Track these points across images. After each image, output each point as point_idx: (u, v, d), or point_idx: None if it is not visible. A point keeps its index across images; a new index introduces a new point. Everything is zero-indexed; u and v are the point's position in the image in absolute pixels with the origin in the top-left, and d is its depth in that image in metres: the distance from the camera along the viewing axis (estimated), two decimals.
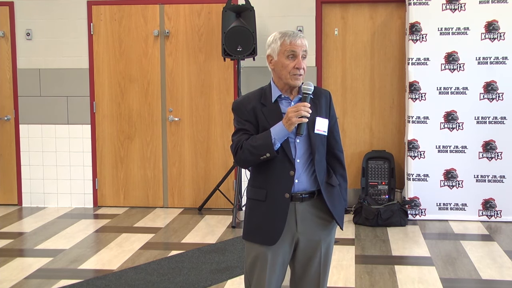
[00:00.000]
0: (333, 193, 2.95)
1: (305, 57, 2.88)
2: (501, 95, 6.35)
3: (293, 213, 2.89)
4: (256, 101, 2.90)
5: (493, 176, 6.40)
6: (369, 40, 6.94)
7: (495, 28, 6.30)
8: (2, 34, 7.16)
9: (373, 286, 4.56)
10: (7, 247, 5.66)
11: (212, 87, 7.01)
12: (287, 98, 2.91)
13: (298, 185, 2.87)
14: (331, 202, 2.92)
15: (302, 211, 2.90)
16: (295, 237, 2.91)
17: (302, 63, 2.84)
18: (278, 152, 2.81)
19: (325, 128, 2.90)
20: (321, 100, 2.94)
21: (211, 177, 7.09)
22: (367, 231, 6.10)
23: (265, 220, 2.88)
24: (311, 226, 2.92)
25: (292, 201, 2.87)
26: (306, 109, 2.76)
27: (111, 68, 7.10)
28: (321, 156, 2.92)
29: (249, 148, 2.82)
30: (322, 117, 2.90)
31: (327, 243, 2.98)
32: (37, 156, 7.23)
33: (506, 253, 5.35)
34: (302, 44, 2.86)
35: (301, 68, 2.84)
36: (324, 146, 2.94)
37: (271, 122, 2.83)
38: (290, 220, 2.88)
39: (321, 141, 2.91)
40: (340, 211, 2.97)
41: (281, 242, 2.88)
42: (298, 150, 2.87)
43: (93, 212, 7.03)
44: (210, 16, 6.95)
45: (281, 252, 2.90)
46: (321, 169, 2.92)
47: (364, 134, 7.04)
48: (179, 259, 5.22)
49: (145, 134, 7.14)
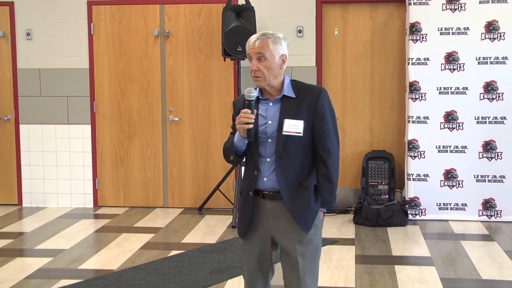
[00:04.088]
0: (301, 194, 2.94)
1: (261, 58, 2.90)
2: (501, 95, 6.35)
3: (264, 210, 2.99)
4: (242, 102, 2.98)
5: (493, 176, 6.40)
6: (369, 40, 6.94)
7: (495, 28, 6.30)
8: (2, 34, 7.16)
9: (373, 286, 4.56)
10: (7, 247, 5.66)
11: (212, 87, 7.01)
12: (265, 99, 2.99)
13: (266, 183, 2.96)
14: (293, 203, 2.93)
15: (273, 208, 2.97)
16: (269, 233, 3.01)
17: (255, 65, 2.89)
18: (242, 155, 3.00)
19: (298, 130, 2.90)
20: (304, 100, 2.94)
21: (211, 177, 7.09)
22: (367, 231, 6.10)
23: (240, 214, 3.09)
24: (285, 224, 2.97)
25: (263, 198, 2.98)
26: (247, 116, 2.85)
27: (111, 68, 7.10)
28: (292, 157, 2.93)
29: (224, 149, 3.07)
30: (296, 118, 2.91)
31: (305, 242, 2.97)
32: (37, 156, 7.23)
33: (506, 253, 5.35)
34: (255, 46, 2.90)
35: (254, 70, 2.90)
36: (300, 146, 2.93)
37: None
38: (262, 216, 3.00)
39: (293, 142, 2.91)
40: (303, 213, 2.93)
41: (255, 235, 3.03)
42: (268, 150, 2.95)
43: (93, 212, 7.03)
44: (210, 16, 6.95)
45: (258, 245, 3.04)
46: (289, 170, 2.93)
47: (364, 134, 7.04)
48: (179, 259, 5.22)
49: (145, 134, 7.14)
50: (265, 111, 2.97)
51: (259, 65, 2.89)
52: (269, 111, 2.96)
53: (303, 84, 3.01)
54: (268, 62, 2.90)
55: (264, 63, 2.89)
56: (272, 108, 2.96)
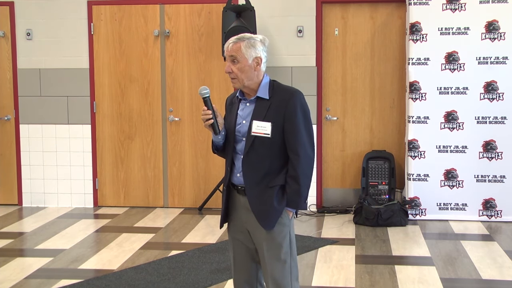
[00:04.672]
0: (265, 193, 3.01)
1: (235, 61, 3.02)
2: (502, 95, 6.35)
3: (239, 203, 3.11)
4: (230, 100, 3.20)
5: (493, 176, 6.40)
6: (369, 40, 6.94)
7: (495, 28, 6.30)
8: (2, 34, 7.16)
9: (373, 286, 4.56)
10: (7, 247, 5.66)
11: (212, 87, 7.01)
12: (244, 99, 3.10)
13: (239, 178, 3.07)
14: (256, 201, 3.02)
15: (245, 203, 3.08)
16: (244, 226, 3.12)
17: (229, 67, 3.03)
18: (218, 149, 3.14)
19: (266, 131, 2.99)
20: (275, 102, 3.01)
21: (211, 177, 7.09)
22: (367, 231, 6.10)
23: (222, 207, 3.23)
24: (254, 220, 3.05)
25: (238, 193, 3.10)
26: (204, 113, 3.02)
27: (111, 68, 7.10)
28: (260, 157, 3.01)
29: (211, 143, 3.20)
30: (264, 120, 2.99)
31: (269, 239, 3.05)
32: (37, 156, 7.23)
33: (506, 253, 5.35)
34: (228, 49, 3.05)
35: (227, 72, 3.04)
36: (269, 147, 3.00)
37: (228, 120, 3.13)
38: (238, 209, 3.12)
39: (262, 142, 3.00)
40: (265, 212, 3.01)
41: (235, 227, 3.16)
42: (243, 148, 3.05)
43: (93, 212, 7.03)
44: (210, 16, 6.95)
45: (239, 236, 3.16)
46: (256, 169, 3.01)
47: (364, 134, 7.04)
48: (179, 259, 5.22)
49: (145, 134, 7.14)
50: (242, 111, 3.10)
51: (233, 67, 3.04)
52: (245, 111, 3.09)
53: (280, 86, 3.09)
54: (240, 64, 3.01)
55: (237, 65, 3.02)
56: (248, 108, 3.08)
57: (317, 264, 5.05)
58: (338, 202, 7.08)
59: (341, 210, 6.86)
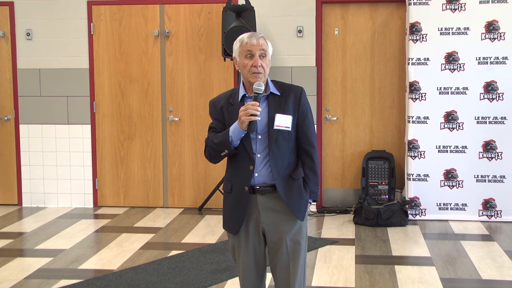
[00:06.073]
0: (292, 185, 3.07)
1: (264, 56, 3.02)
2: (501, 95, 6.35)
3: (255, 204, 3.06)
4: (224, 101, 3.12)
5: (493, 176, 6.40)
6: (369, 40, 6.94)
7: (495, 28, 6.30)
8: (2, 34, 7.16)
9: (373, 286, 4.56)
10: (7, 247, 5.66)
11: (212, 87, 7.01)
12: (251, 97, 3.05)
13: (258, 178, 3.05)
14: (287, 194, 3.04)
15: (264, 203, 3.06)
16: (260, 227, 3.09)
17: (259, 61, 3.00)
18: (237, 148, 3.02)
19: (287, 124, 3.03)
20: (288, 97, 3.08)
21: (211, 177, 7.09)
22: (367, 231, 6.10)
23: (230, 211, 3.13)
24: (274, 218, 3.07)
25: (254, 193, 3.05)
26: (255, 108, 2.92)
27: (111, 68, 7.10)
28: (282, 151, 3.05)
29: (212, 145, 3.10)
30: (284, 114, 3.03)
31: (292, 235, 3.08)
32: (37, 156, 7.23)
33: (506, 253, 5.35)
34: (259, 44, 3.02)
35: (258, 66, 3.00)
36: (288, 141, 3.06)
37: (234, 120, 3.02)
38: (253, 211, 3.07)
39: (283, 136, 3.03)
40: (297, 203, 3.07)
41: (248, 230, 3.09)
42: (258, 146, 3.03)
43: (93, 212, 7.03)
44: (210, 16, 6.95)
45: (251, 240, 3.10)
46: (280, 163, 3.04)
47: (364, 134, 7.04)
48: (179, 259, 5.22)
49: (145, 134, 7.14)
50: None
51: (262, 61, 3.01)
52: None
53: (283, 83, 3.16)
54: (267, 59, 3.05)
55: (265, 60, 3.03)
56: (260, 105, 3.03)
57: (317, 264, 5.06)
58: (338, 202, 7.08)
59: (341, 210, 6.86)
